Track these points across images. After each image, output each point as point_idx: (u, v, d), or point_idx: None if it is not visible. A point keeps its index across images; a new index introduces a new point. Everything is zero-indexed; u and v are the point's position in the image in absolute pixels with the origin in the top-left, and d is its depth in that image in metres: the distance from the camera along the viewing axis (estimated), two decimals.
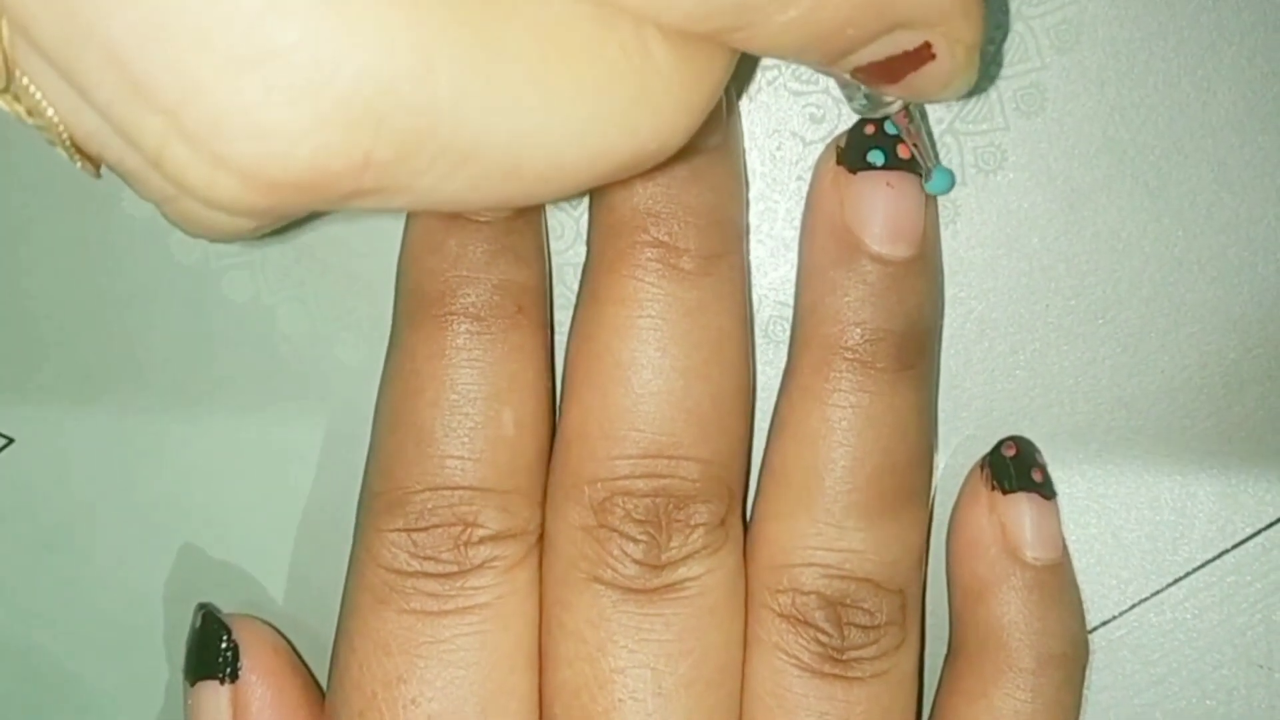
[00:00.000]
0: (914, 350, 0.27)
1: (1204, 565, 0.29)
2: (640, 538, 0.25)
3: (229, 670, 0.27)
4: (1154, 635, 0.29)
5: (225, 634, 0.28)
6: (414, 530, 0.26)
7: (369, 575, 0.26)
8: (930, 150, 0.26)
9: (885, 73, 0.21)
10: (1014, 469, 0.28)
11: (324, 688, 0.28)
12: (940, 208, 0.28)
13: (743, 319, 0.27)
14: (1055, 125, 0.28)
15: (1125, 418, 0.29)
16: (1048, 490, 0.28)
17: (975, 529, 0.27)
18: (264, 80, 0.16)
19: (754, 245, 0.28)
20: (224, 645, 0.28)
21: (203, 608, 0.28)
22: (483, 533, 0.26)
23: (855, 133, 0.27)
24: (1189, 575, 0.29)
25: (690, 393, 0.26)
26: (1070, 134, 0.28)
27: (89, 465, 0.29)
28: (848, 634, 0.26)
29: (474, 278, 0.26)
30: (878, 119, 0.26)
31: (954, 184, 0.27)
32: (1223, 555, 0.29)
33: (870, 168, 0.26)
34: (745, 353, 0.27)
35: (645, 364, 0.26)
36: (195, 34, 0.16)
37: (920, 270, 0.27)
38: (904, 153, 0.26)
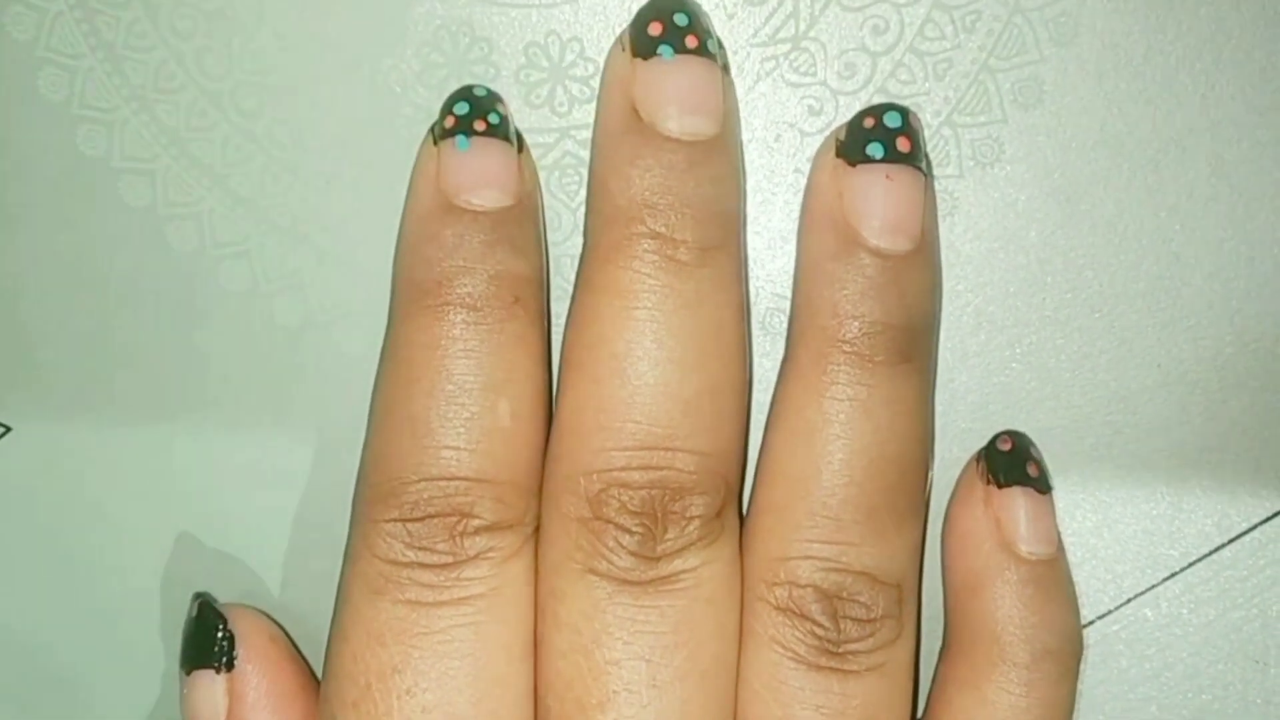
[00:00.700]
0: (912, 344, 0.26)
1: (1199, 560, 0.29)
2: (635, 529, 0.25)
3: (225, 659, 0.27)
4: (1149, 630, 0.29)
5: (221, 623, 0.28)
6: (409, 520, 0.26)
7: (364, 565, 0.26)
8: None
9: None
10: (1009, 463, 0.27)
11: (319, 677, 0.28)
12: (938, 200, 0.28)
13: (740, 311, 0.27)
14: (1053, 118, 0.28)
15: (1121, 412, 0.29)
16: (1043, 484, 0.28)
17: (970, 523, 0.27)
18: None
19: (751, 237, 0.28)
20: (220, 634, 0.28)
21: (199, 597, 0.28)
22: (478, 523, 0.26)
23: (854, 125, 0.27)
24: (1184, 570, 0.29)
25: (686, 384, 0.26)
26: (1068, 127, 0.28)
27: (86, 454, 0.29)
28: (844, 627, 0.26)
29: (470, 268, 0.26)
30: (876, 111, 0.26)
31: None
32: (1218, 550, 0.29)
33: (869, 160, 0.26)
34: (742, 345, 0.27)
35: (641, 355, 0.26)
36: None
37: (919, 264, 0.27)
38: (904, 145, 0.26)
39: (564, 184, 0.29)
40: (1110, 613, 0.29)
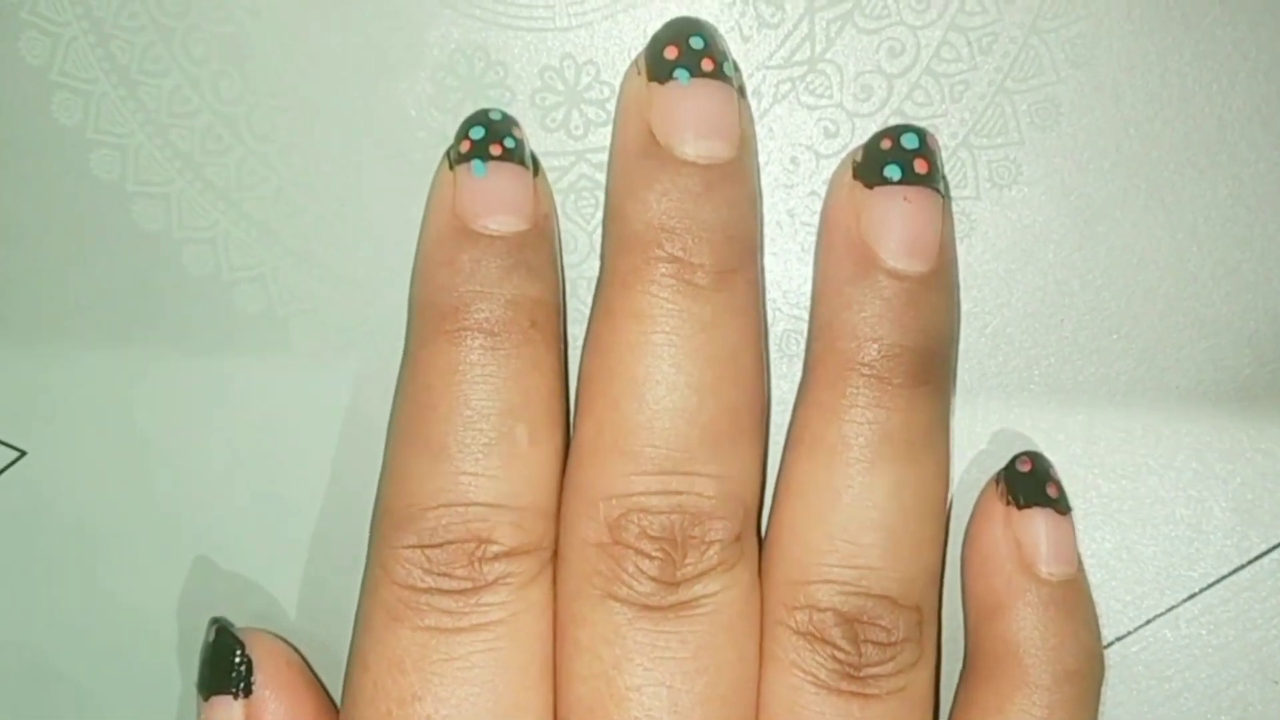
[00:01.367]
0: (930, 366, 0.26)
1: (1219, 581, 0.29)
2: (655, 554, 0.25)
3: (243, 685, 0.27)
4: (1169, 650, 0.29)
5: (239, 648, 0.28)
6: (428, 546, 0.26)
7: (383, 592, 0.26)
8: None
9: None
10: (1029, 484, 0.27)
11: (337, 703, 0.28)
12: (955, 222, 0.28)
13: (757, 334, 0.27)
14: (1070, 139, 0.28)
15: (1140, 432, 0.29)
16: (1063, 505, 0.27)
17: (990, 544, 0.27)
18: None
19: (769, 259, 0.28)
20: (237, 660, 0.27)
21: (216, 622, 0.28)
22: (497, 549, 0.26)
23: (871, 147, 0.27)
24: (1204, 591, 0.29)
25: (705, 408, 0.26)
26: (1085, 148, 0.28)
27: (101, 478, 0.29)
28: (864, 651, 0.26)
29: (487, 293, 0.26)
30: (893, 133, 0.26)
31: None
32: (1238, 571, 0.29)
33: (887, 182, 0.26)
34: (760, 367, 0.27)
35: (660, 379, 0.26)
36: None
37: (937, 285, 0.27)
38: (921, 167, 0.26)
39: (580, 207, 0.29)
40: (1130, 634, 0.29)
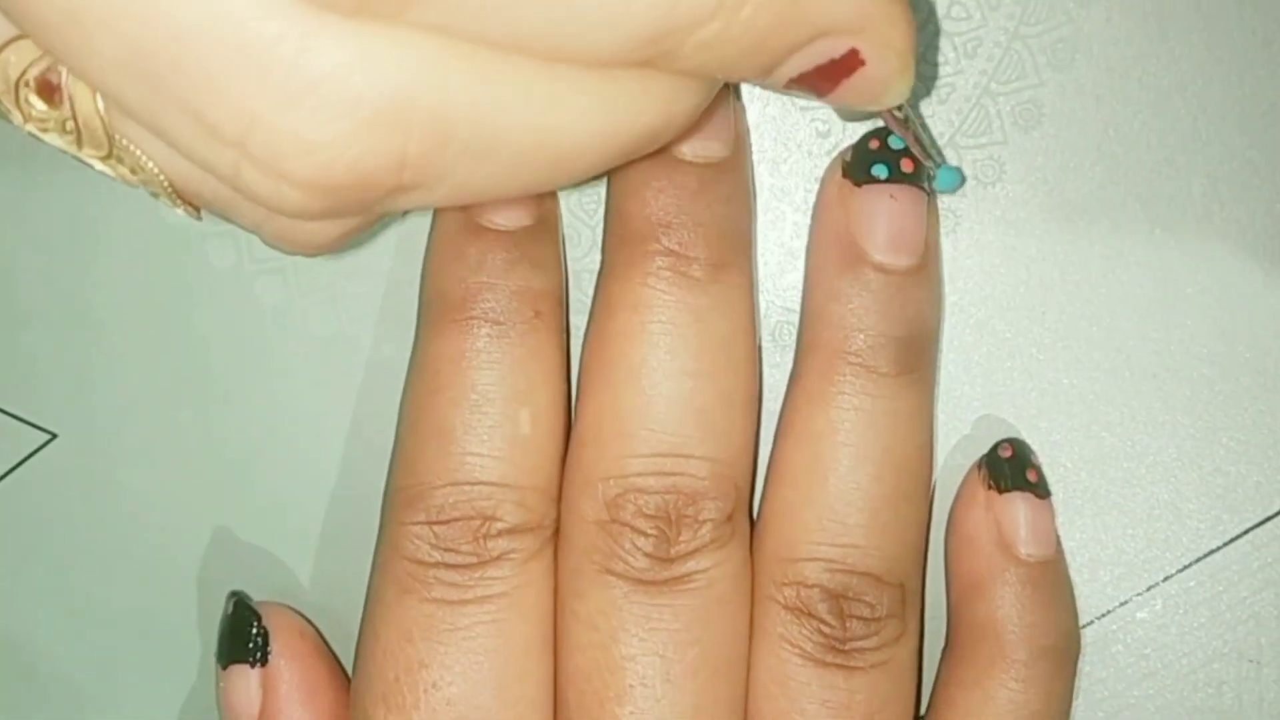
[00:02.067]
0: (915, 355, 0.27)
1: (1195, 562, 0.29)
2: (651, 532, 0.26)
3: (259, 654, 0.28)
4: (1146, 630, 0.29)
5: (255, 620, 0.28)
6: (435, 523, 0.26)
7: (393, 566, 0.27)
8: (933, 149, 0.27)
9: (817, 82, 0.21)
10: (1010, 469, 0.28)
11: (349, 671, 0.29)
12: (941, 218, 0.28)
13: (750, 324, 0.27)
14: (1052, 139, 0.28)
15: (1118, 419, 0.29)
16: (1042, 490, 0.28)
17: (972, 526, 0.28)
18: (307, 107, 0.19)
19: (762, 254, 0.29)
20: (254, 631, 0.28)
21: (234, 595, 0.29)
22: (501, 526, 0.26)
23: (860, 147, 0.27)
24: (1180, 572, 0.29)
25: (699, 394, 0.26)
26: (1066, 148, 0.28)
27: (128, 460, 0.30)
28: (849, 625, 0.27)
29: (494, 284, 0.27)
30: (881, 134, 0.27)
31: (963, 181, 0.28)
32: (1213, 553, 0.29)
33: (874, 181, 0.27)
34: (752, 356, 0.27)
35: (656, 367, 0.26)
36: (249, 81, 0.18)
37: (922, 279, 0.27)
38: (907, 166, 0.27)
39: (583, 203, 0.29)
40: (1108, 614, 0.29)
